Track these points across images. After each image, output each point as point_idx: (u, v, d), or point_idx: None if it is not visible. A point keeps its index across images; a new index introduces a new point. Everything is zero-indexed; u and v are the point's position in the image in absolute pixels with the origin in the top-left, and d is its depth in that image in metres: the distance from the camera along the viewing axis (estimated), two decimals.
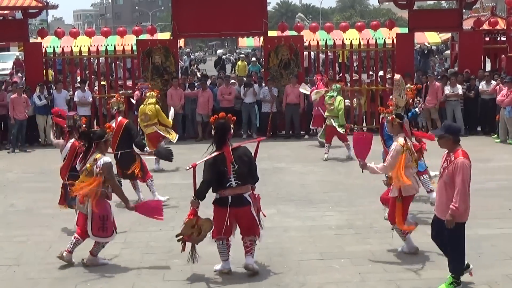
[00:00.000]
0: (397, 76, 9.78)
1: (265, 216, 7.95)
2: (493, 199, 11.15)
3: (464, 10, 20.19)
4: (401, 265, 8.05)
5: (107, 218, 8.12)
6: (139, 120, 14.08)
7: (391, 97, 9.78)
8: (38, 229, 10.03)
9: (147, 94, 14.19)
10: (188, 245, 7.85)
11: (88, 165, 8.08)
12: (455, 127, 7.44)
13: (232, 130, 7.64)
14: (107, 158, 8.14)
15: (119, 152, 11.18)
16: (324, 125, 15.43)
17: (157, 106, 13.94)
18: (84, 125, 10.48)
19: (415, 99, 10.59)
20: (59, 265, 8.33)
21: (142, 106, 14.06)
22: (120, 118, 11.52)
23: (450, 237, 7.09)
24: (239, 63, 30.25)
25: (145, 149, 11.68)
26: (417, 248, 8.37)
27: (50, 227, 10.12)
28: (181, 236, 7.76)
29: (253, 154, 7.74)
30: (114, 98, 12.02)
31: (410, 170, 8.19)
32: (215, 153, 7.43)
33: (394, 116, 8.26)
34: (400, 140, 8.12)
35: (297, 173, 13.31)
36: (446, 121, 9.60)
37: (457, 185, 6.89)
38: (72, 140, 9.84)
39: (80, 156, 8.57)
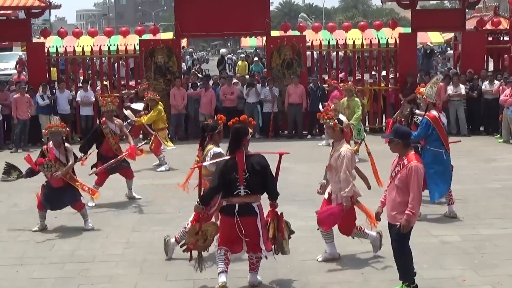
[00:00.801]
0: (439, 76, 10.15)
1: (266, 258, 7.29)
2: (496, 199, 11.14)
3: (467, 10, 20.16)
4: None
5: None
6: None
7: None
8: (41, 229, 10.03)
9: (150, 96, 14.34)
10: (194, 252, 7.44)
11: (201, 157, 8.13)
12: (404, 131, 7.14)
13: (249, 136, 7.17)
14: (218, 148, 8.15)
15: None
16: None
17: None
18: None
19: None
20: (62, 265, 8.35)
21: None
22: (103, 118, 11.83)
23: (397, 242, 6.93)
24: (239, 63, 30.21)
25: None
26: (339, 254, 8.23)
27: (52, 227, 10.12)
28: (185, 246, 7.35)
29: (275, 168, 7.28)
30: (109, 98, 12.11)
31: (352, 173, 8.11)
32: (227, 158, 7.08)
33: (336, 122, 8.12)
34: (346, 145, 8.13)
35: (300, 173, 13.29)
36: (395, 125, 9.41)
37: (413, 190, 6.71)
38: None
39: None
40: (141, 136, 16.63)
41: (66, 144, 10.09)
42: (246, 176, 6.91)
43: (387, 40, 19.70)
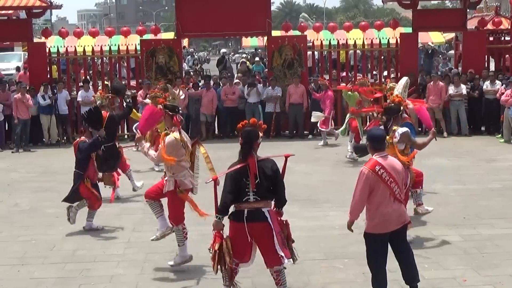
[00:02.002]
0: (403, 79, 9.98)
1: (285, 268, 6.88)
2: (497, 199, 11.13)
3: (468, 10, 20.16)
4: None
5: None
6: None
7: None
8: (42, 228, 10.04)
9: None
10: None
11: (387, 137, 8.04)
12: (372, 134, 6.84)
13: (260, 139, 6.79)
14: (404, 128, 8.43)
15: (103, 146, 10.84)
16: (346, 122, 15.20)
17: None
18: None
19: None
20: (63, 265, 8.35)
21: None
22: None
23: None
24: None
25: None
26: (191, 256, 8.08)
27: (54, 226, 10.13)
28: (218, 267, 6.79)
29: (281, 170, 6.93)
30: (98, 93, 12.36)
31: (183, 164, 7.94)
32: (239, 165, 6.63)
33: (163, 107, 8.07)
34: (176, 134, 7.90)
35: (301, 173, 13.30)
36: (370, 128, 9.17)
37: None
38: None
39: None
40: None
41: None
42: (257, 182, 6.60)
43: (388, 40, 19.69)
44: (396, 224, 6.66)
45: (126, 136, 18.31)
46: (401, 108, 9.10)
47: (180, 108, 9.08)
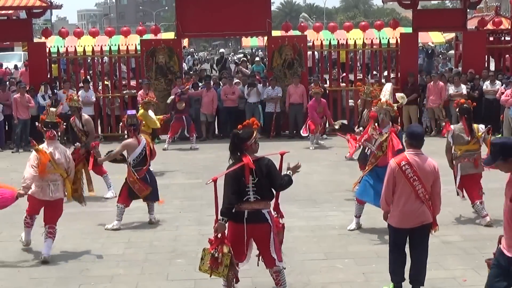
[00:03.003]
0: (388, 85, 10.00)
1: (284, 268, 6.94)
2: (497, 199, 11.08)
3: (468, 10, 20.16)
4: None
5: None
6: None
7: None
8: (42, 228, 10.02)
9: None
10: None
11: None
12: (411, 131, 6.96)
13: (251, 140, 6.76)
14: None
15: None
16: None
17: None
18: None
19: None
20: (63, 265, 8.35)
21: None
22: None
23: None
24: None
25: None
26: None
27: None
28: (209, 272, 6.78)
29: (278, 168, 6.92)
30: (76, 96, 12.87)
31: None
32: (237, 165, 6.63)
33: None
34: (42, 147, 8.64)
35: (301, 173, 13.09)
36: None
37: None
38: (143, 139, 10.28)
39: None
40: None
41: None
42: (255, 181, 6.60)
43: (388, 40, 19.69)
44: (414, 222, 6.81)
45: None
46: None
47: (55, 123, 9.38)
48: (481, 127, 10.00)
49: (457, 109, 10.59)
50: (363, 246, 8.82)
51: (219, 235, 6.64)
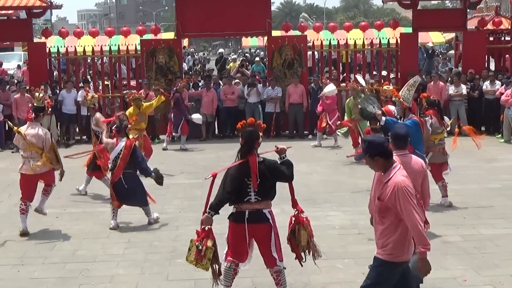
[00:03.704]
0: (417, 78, 10.08)
1: (285, 268, 6.88)
2: (497, 199, 11.14)
3: (468, 10, 20.16)
4: None
5: None
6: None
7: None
8: (42, 228, 10.04)
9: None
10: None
11: None
12: (395, 132, 6.83)
13: (260, 139, 6.76)
14: None
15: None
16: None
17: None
18: (129, 125, 10.76)
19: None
20: (63, 265, 8.35)
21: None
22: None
23: None
24: (231, 64, 30.07)
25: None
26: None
27: (54, 226, 10.14)
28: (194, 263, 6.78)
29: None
30: (91, 95, 12.85)
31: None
32: (239, 162, 6.60)
33: None
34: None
35: (301, 173, 13.28)
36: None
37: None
38: (125, 139, 10.07)
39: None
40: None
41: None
42: (258, 182, 6.55)
43: (388, 40, 19.68)
44: None
45: None
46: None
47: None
48: (446, 119, 11.10)
49: (425, 103, 11.01)
50: (363, 246, 8.82)
51: (206, 228, 6.64)
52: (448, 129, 11.22)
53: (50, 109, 11.33)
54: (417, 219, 5.41)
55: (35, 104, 10.26)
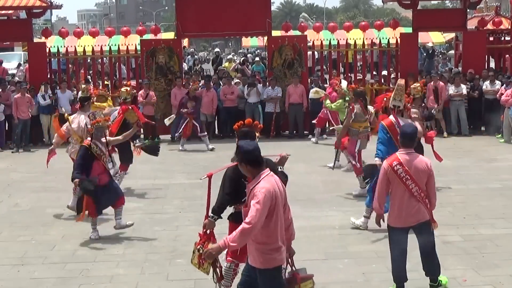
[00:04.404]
0: (401, 81, 9.95)
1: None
2: (497, 199, 11.14)
3: (468, 10, 20.15)
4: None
5: None
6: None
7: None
8: (42, 228, 10.05)
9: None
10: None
11: None
12: (403, 130, 7.12)
13: (257, 139, 6.66)
14: None
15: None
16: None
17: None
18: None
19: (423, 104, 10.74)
20: (63, 265, 8.35)
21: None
22: (123, 106, 12.24)
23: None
24: (226, 64, 30.04)
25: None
26: None
27: (54, 226, 10.14)
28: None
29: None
30: (125, 89, 12.65)
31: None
32: (236, 163, 6.43)
33: None
34: None
35: (301, 173, 13.30)
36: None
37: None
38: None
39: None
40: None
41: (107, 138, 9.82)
42: None
43: (388, 40, 19.68)
44: (411, 221, 6.87)
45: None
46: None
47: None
48: (370, 108, 11.89)
49: (353, 93, 12.23)
50: (363, 246, 8.82)
51: (208, 231, 6.64)
52: (371, 118, 11.84)
53: (95, 98, 12.01)
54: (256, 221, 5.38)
55: (80, 94, 11.07)
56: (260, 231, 5.45)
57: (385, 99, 10.17)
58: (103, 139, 9.55)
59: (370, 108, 12.05)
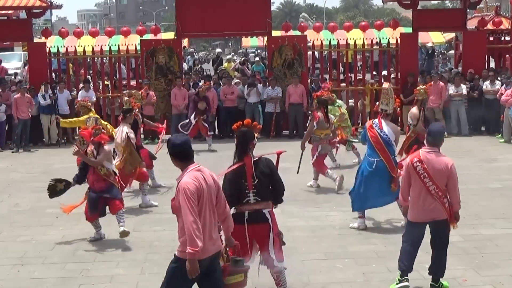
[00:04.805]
0: (385, 85, 9.98)
1: (285, 269, 6.90)
2: (497, 199, 11.14)
3: (468, 10, 20.16)
4: None
5: None
6: None
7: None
8: (42, 228, 10.05)
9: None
10: None
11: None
12: (430, 129, 7.35)
13: (255, 140, 6.73)
14: None
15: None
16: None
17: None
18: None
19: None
20: (63, 265, 8.35)
21: None
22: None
23: None
24: (225, 64, 30.05)
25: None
26: None
27: (54, 226, 10.14)
28: None
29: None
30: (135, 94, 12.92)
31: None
32: (236, 165, 6.60)
33: None
34: None
35: (301, 173, 13.28)
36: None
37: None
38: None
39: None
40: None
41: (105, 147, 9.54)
42: (255, 182, 6.54)
43: (388, 40, 19.68)
44: (427, 218, 7.09)
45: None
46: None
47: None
48: (332, 117, 12.64)
49: (316, 101, 12.63)
50: (363, 246, 8.82)
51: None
52: (333, 127, 12.59)
53: (137, 110, 12.12)
54: (189, 220, 5.36)
55: (124, 107, 11.65)
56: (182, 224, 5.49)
57: (377, 103, 10.29)
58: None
59: (332, 117, 12.69)
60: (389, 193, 9.44)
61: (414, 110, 11.51)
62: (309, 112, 12.01)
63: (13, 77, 22.75)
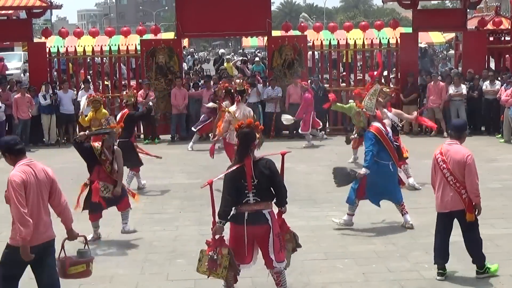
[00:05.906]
0: (377, 87, 10.02)
1: (285, 269, 6.92)
2: (497, 199, 11.13)
3: (468, 10, 20.16)
4: (405, 265, 8.05)
5: None
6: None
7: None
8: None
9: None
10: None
11: None
12: (453, 123, 7.98)
13: (257, 141, 6.70)
14: None
15: (118, 140, 10.45)
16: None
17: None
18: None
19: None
20: None
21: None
22: (125, 110, 12.41)
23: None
24: (225, 64, 30.03)
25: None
26: None
27: (54, 226, 10.10)
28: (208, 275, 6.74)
29: (280, 168, 6.86)
30: (128, 92, 13.05)
31: None
32: (236, 166, 6.58)
33: None
34: None
35: (301, 173, 13.30)
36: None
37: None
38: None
39: None
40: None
41: (115, 147, 9.51)
42: (254, 183, 6.50)
43: (388, 40, 19.69)
44: (447, 208, 7.42)
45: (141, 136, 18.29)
46: None
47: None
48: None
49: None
50: (363, 246, 8.82)
51: (217, 237, 6.62)
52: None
53: (250, 90, 13.53)
54: (16, 209, 5.90)
55: (237, 88, 12.69)
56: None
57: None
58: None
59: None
60: (389, 193, 9.59)
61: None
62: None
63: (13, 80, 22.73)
